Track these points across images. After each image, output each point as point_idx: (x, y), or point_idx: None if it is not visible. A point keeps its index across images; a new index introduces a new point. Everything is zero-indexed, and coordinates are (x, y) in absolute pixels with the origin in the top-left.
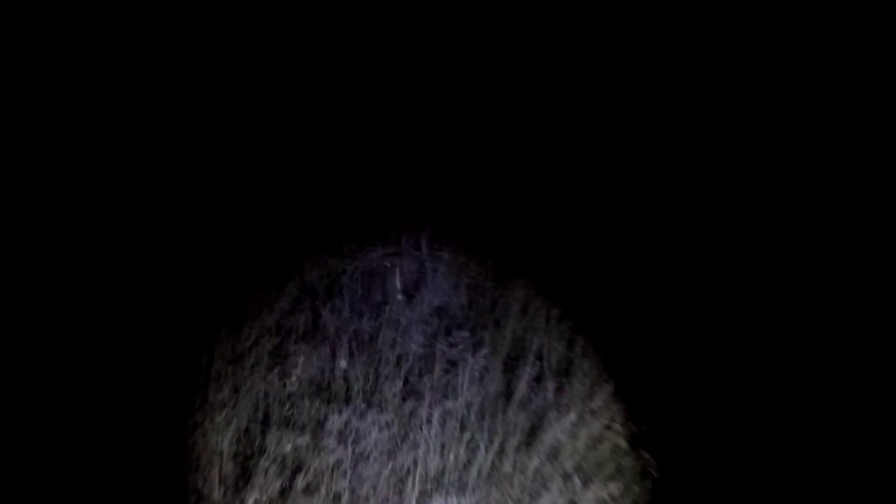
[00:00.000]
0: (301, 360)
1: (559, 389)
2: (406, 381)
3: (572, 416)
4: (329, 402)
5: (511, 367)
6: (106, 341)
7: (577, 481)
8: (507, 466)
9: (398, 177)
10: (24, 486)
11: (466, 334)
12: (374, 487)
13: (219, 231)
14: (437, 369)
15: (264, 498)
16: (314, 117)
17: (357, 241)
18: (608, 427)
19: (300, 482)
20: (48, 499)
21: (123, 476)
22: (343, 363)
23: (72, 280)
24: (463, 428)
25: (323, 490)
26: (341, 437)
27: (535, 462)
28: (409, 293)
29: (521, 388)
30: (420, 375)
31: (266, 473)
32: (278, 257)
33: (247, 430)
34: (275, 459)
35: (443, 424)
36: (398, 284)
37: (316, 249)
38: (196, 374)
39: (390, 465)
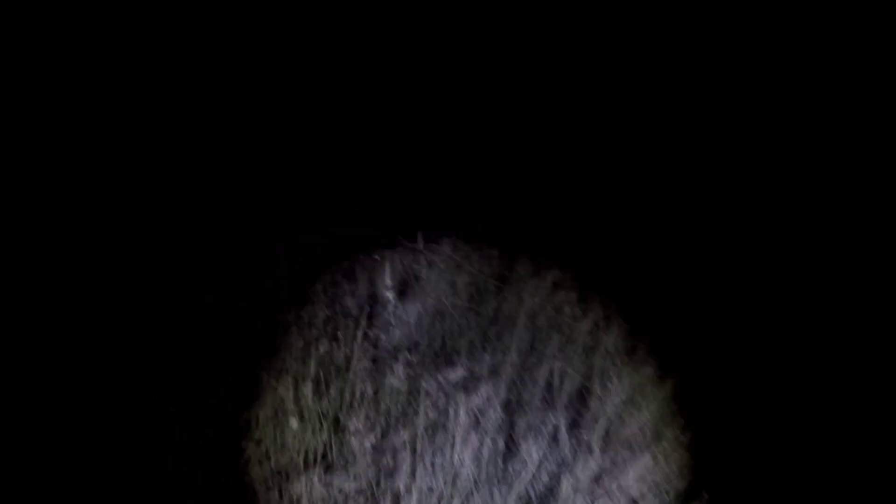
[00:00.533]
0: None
1: (575, 445)
2: (383, 434)
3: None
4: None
5: (515, 408)
6: (106, 341)
7: None
8: None
9: (398, 177)
10: (24, 486)
11: (460, 372)
12: None
13: (219, 231)
14: (422, 416)
15: None
16: (313, 117)
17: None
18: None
19: None
20: (46, 499)
21: (122, 476)
22: (294, 423)
23: (72, 280)
24: (452, 499)
25: None
26: None
27: None
28: (396, 298)
29: (528, 445)
30: (399, 422)
31: None
32: (278, 257)
33: None
34: None
35: (427, 494)
36: (387, 287)
37: (316, 249)
38: (196, 374)
39: None
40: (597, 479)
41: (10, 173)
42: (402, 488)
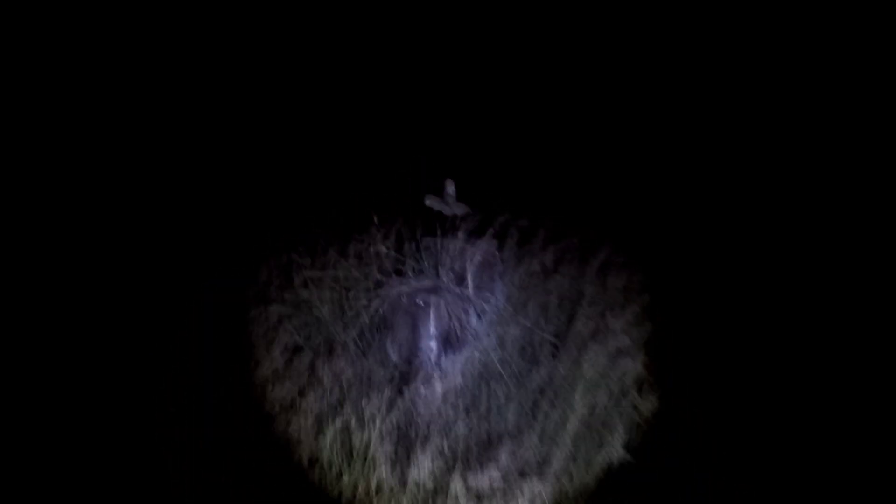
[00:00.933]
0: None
1: None
2: None
3: None
4: None
5: None
6: (107, 341)
7: None
8: None
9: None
10: (24, 486)
11: (500, 469)
12: None
13: (219, 231)
14: None
15: None
16: (317, 117)
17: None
18: None
19: None
20: (46, 498)
21: (122, 475)
22: None
23: (73, 281)
24: None
25: None
26: None
27: None
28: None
29: None
30: None
31: None
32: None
33: None
34: None
35: None
36: (430, 336)
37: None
38: (196, 374)
39: None
40: None
41: (12, 174)
42: None
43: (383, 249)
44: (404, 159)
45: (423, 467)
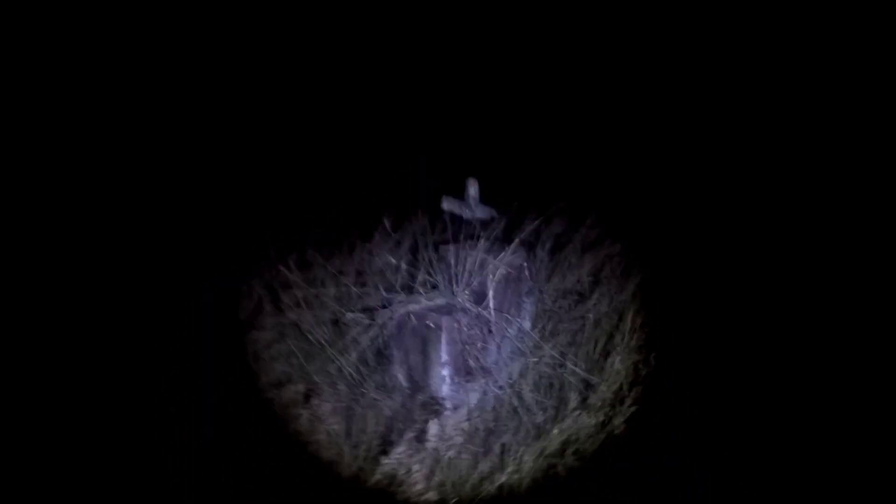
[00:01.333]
0: None
1: None
2: None
3: None
4: None
5: None
6: (107, 341)
7: None
8: None
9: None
10: (24, 486)
11: None
12: None
13: (219, 231)
14: None
15: None
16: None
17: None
18: None
19: None
20: (47, 498)
21: (122, 475)
22: None
23: (73, 281)
24: None
25: None
26: None
27: None
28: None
29: None
30: None
31: None
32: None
33: None
34: None
35: None
36: (441, 362)
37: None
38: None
39: None
40: None
41: (13, 176)
42: None
43: (391, 260)
44: (413, 157)
45: None
